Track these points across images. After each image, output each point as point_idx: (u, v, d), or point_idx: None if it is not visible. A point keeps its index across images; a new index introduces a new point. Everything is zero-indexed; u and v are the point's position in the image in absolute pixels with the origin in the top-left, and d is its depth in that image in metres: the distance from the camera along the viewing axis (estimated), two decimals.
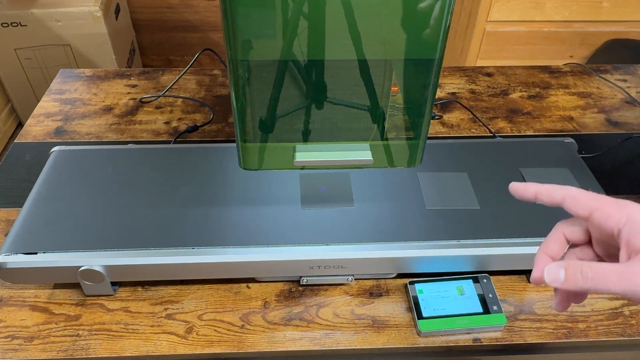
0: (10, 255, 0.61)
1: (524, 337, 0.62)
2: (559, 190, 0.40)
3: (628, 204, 0.38)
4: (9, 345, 0.60)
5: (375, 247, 0.63)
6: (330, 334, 0.62)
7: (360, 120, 0.57)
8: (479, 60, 1.84)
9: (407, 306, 0.65)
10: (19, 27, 1.75)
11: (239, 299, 0.65)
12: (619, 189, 0.81)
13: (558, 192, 0.40)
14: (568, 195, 0.40)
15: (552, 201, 0.41)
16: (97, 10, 1.75)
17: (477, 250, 0.63)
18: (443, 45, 0.51)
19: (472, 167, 0.74)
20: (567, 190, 0.40)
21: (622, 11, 1.73)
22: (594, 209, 0.39)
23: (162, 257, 0.61)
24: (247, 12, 0.47)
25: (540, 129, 0.94)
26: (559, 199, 0.40)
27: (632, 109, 1.00)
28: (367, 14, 0.48)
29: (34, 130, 0.91)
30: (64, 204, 0.67)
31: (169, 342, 0.61)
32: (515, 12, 1.72)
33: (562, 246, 0.42)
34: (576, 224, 0.42)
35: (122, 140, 0.89)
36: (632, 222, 0.37)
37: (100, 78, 1.06)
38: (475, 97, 1.02)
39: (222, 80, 1.06)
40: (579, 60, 1.84)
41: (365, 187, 0.71)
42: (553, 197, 0.41)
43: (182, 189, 0.70)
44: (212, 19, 2.24)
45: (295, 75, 0.53)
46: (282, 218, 0.66)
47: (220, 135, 0.92)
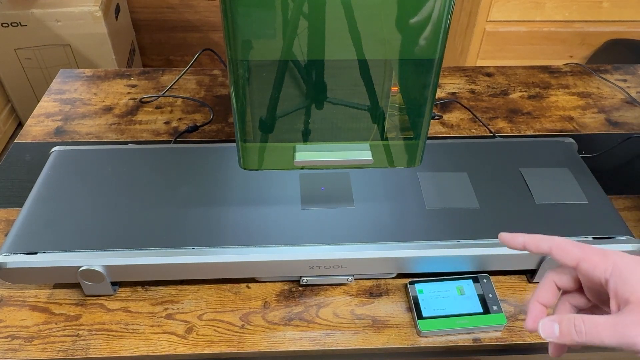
0: (10, 255, 0.61)
1: (524, 337, 0.62)
2: (546, 241, 0.41)
3: (612, 253, 0.39)
4: (9, 345, 0.60)
5: (375, 247, 0.63)
6: (330, 334, 0.62)
7: (360, 120, 0.57)
8: (479, 60, 1.84)
9: (407, 306, 0.65)
10: (19, 27, 1.75)
11: (239, 299, 0.65)
12: (619, 189, 0.81)
13: (545, 243, 0.41)
14: (554, 245, 0.41)
15: (539, 251, 0.42)
16: (97, 10, 1.75)
17: (477, 250, 0.63)
18: (443, 45, 0.51)
19: (472, 167, 0.74)
20: (553, 241, 0.41)
21: (622, 11, 1.73)
22: (580, 259, 0.39)
23: (162, 257, 0.61)
24: (247, 12, 0.47)
25: (540, 129, 0.94)
26: (546, 249, 0.41)
27: (632, 109, 1.00)
28: (367, 14, 0.48)
29: (34, 130, 0.91)
30: (64, 204, 0.67)
31: (169, 342, 0.61)
32: (515, 12, 1.72)
33: (553, 294, 0.43)
34: (566, 272, 0.42)
35: (122, 140, 0.89)
36: (618, 271, 0.37)
37: (100, 78, 1.06)
38: (475, 97, 1.02)
39: (222, 80, 1.06)
40: (579, 60, 1.84)
41: (365, 187, 0.71)
42: (540, 247, 0.41)
43: (182, 189, 0.70)
44: (212, 19, 2.24)
45: (295, 75, 0.53)
46: (282, 218, 0.66)
47: (220, 135, 0.92)
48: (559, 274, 0.43)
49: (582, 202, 0.69)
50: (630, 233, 0.66)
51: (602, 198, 0.70)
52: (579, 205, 0.69)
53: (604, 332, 0.36)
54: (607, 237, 0.65)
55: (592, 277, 0.39)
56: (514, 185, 0.72)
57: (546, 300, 0.42)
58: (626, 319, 0.35)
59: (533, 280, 0.67)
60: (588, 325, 0.36)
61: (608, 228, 0.66)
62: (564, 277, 0.42)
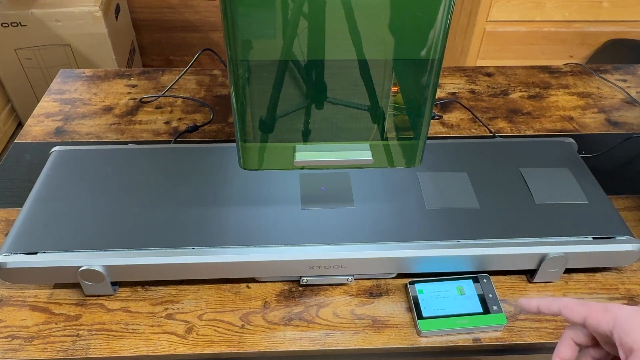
0: (10, 255, 0.61)
1: (524, 337, 0.62)
2: (556, 302, 0.45)
3: (613, 307, 0.42)
4: (9, 345, 0.60)
5: (375, 247, 0.63)
6: (330, 334, 0.62)
7: (360, 120, 0.57)
8: (479, 60, 1.84)
9: (407, 306, 0.65)
10: (19, 27, 1.75)
11: (239, 299, 0.65)
12: (619, 189, 0.81)
13: (555, 304, 0.45)
14: (562, 305, 0.45)
15: (551, 312, 0.46)
16: (97, 10, 1.75)
17: (477, 250, 0.63)
18: (443, 45, 0.51)
19: (472, 167, 0.74)
20: (561, 302, 0.45)
21: (622, 11, 1.73)
22: (586, 316, 0.43)
23: (162, 257, 0.61)
24: (247, 12, 0.47)
25: (540, 129, 0.94)
26: (556, 310, 0.45)
27: (632, 109, 1.00)
28: (367, 14, 0.48)
29: (34, 130, 0.91)
30: (64, 204, 0.67)
31: (169, 342, 0.61)
32: (515, 12, 1.72)
33: (573, 350, 0.46)
34: (581, 328, 0.45)
35: (122, 140, 0.89)
36: (619, 324, 0.41)
37: (100, 78, 1.06)
38: (475, 97, 1.02)
39: (222, 80, 1.06)
40: (579, 60, 1.84)
41: (365, 187, 0.71)
42: (551, 308, 0.46)
43: (182, 189, 0.70)
44: (212, 19, 2.24)
45: (295, 75, 0.53)
46: (282, 218, 0.66)
47: (220, 135, 0.92)
48: (576, 331, 0.46)
49: (582, 202, 0.69)
50: (630, 233, 0.66)
51: (602, 198, 0.70)
52: (578, 205, 0.69)
53: None
54: (607, 237, 0.65)
55: (598, 331, 0.43)
56: (514, 185, 0.72)
57: (567, 357, 0.45)
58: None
59: (533, 280, 0.67)
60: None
61: (608, 228, 0.66)
62: (580, 333, 0.45)
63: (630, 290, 0.67)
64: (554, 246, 0.64)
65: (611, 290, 0.67)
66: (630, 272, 0.69)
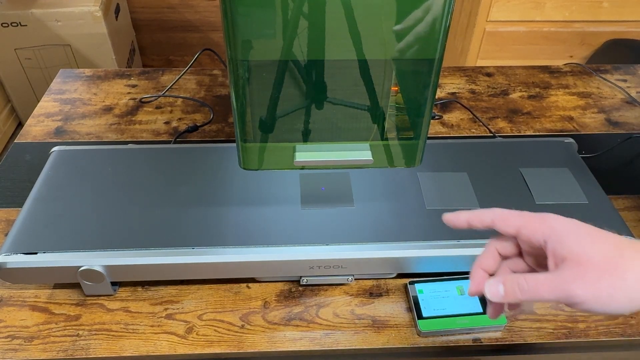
0: (10, 255, 0.61)
1: (524, 337, 0.62)
2: (488, 213, 0.44)
3: (549, 217, 0.42)
4: (9, 345, 0.60)
5: (375, 247, 0.63)
6: (330, 334, 0.62)
7: (360, 120, 0.57)
8: (479, 60, 1.84)
9: (407, 306, 0.65)
10: (19, 27, 1.75)
11: (239, 299, 0.65)
12: (619, 189, 0.81)
13: (487, 215, 0.44)
14: (496, 216, 0.44)
15: (483, 225, 0.44)
16: (97, 10, 1.75)
17: (477, 250, 0.63)
18: (443, 45, 0.51)
19: (472, 167, 0.74)
20: (494, 213, 0.44)
21: (622, 11, 1.73)
22: (521, 226, 0.42)
23: (162, 257, 0.61)
24: (247, 12, 0.47)
25: (540, 129, 0.94)
26: (488, 222, 0.44)
27: (632, 109, 1.00)
28: (367, 14, 0.48)
29: (34, 130, 0.91)
30: (64, 204, 0.67)
31: (169, 342, 0.61)
32: (515, 12, 1.72)
33: (495, 261, 0.45)
34: (507, 239, 0.45)
35: (122, 140, 0.89)
36: (555, 233, 0.40)
37: (100, 78, 1.06)
38: (475, 97, 1.02)
39: (222, 80, 1.06)
40: (579, 60, 1.84)
41: (365, 187, 0.71)
42: (483, 220, 0.44)
43: (182, 189, 0.70)
44: (212, 19, 2.24)
45: (295, 75, 0.53)
46: (282, 218, 0.66)
47: (220, 135, 0.92)
48: (501, 242, 0.45)
49: (582, 202, 0.69)
50: (631, 233, 0.66)
51: (602, 198, 0.70)
52: (579, 205, 0.69)
53: (543, 288, 0.39)
54: None
55: (532, 241, 0.42)
56: (514, 185, 0.72)
57: (489, 267, 0.45)
58: (563, 273, 0.39)
59: None
60: (530, 283, 0.39)
61: (608, 228, 0.66)
62: (506, 244, 0.45)
63: None
64: None
65: None
66: None
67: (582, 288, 0.38)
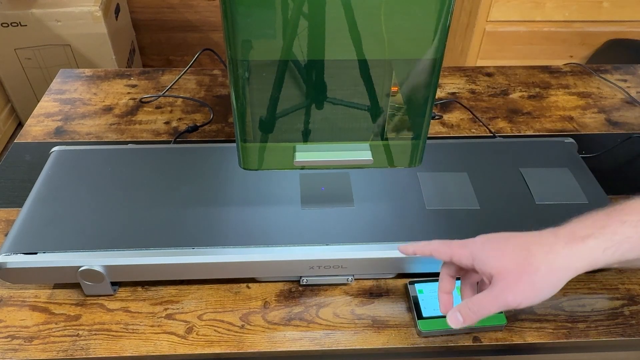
0: (10, 255, 0.61)
1: (524, 337, 0.62)
2: (427, 246, 0.53)
3: (470, 243, 0.50)
4: (9, 345, 0.60)
5: (375, 247, 0.63)
6: (330, 334, 0.62)
7: (360, 120, 0.57)
8: (479, 60, 1.84)
9: (407, 306, 0.65)
10: (19, 27, 1.75)
11: (239, 299, 0.65)
12: (619, 189, 0.81)
13: (427, 248, 0.53)
14: (432, 249, 0.53)
15: (424, 255, 0.53)
16: (97, 10, 1.75)
17: None
18: (443, 45, 0.51)
19: (472, 167, 0.74)
20: (431, 245, 0.53)
21: (622, 11, 1.73)
22: (451, 255, 0.51)
23: (162, 257, 0.61)
24: (247, 12, 0.47)
25: (540, 129, 0.94)
26: (428, 253, 0.53)
27: (632, 109, 1.00)
28: (367, 14, 0.48)
29: (34, 130, 0.91)
30: (64, 204, 0.67)
31: (169, 342, 0.61)
32: (515, 12, 1.72)
33: (451, 283, 0.54)
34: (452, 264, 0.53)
35: (122, 140, 0.89)
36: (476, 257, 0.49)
37: (100, 78, 1.06)
38: (475, 97, 1.02)
39: (222, 80, 1.06)
40: (579, 60, 1.84)
41: (365, 187, 0.71)
42: (424, 252, 0.53)
43: (182, 189, 0.70)
44: (212, 19, 2.24)
45: (295, 75, 0.53)
46: (282, 218, 0.66)
47: (220, 135, 0.92)
48: (448, 267, 0.54)
49: (582, 202, 0.69)
50: None
51: (602, 198, 0.70)
52: (579, 205, 0.69)
53: (487, 305, 0.46)
54: None
55: (463, 265, 0.51)
56: (514, 185, 0.72)
57: (447, 288, 0.54)
58: (495, 289, 0.46)
59: None
60: (477, 305, 0.47)
61: None
62: (452, 268, 0.53)
63: (630, 290, 0.67)
64: None
65: (611, 290, 0.67)
66: (630, 272, 0.69)
67: (511, 295, 0.45)
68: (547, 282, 0.46)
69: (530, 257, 0.46)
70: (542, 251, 0.46)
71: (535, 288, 0.45)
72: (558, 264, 0.45)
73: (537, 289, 0.45)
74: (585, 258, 0.45)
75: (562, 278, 0.46)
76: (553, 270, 0.45)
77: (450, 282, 0.54)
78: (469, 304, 0.48)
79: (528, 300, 0.45)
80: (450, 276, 0.54)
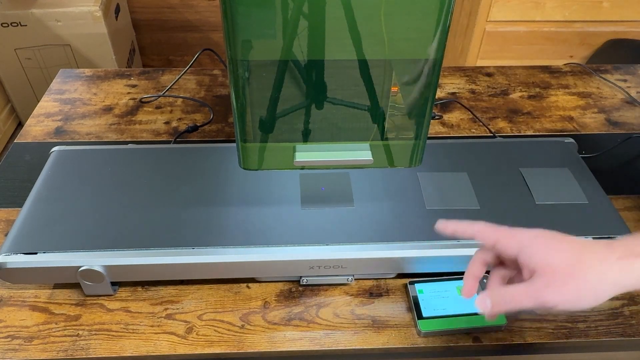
0: (10, 255, 0.61)
1: (524, 337, 0.62)
2: (471, 227, 0.50)
3: (518, 233, 0.48)
4: (9, 345, 0.60)
5: (375, 247, 0.63)
6: (330, 334, 0.62)
7: (360, 120, 0.57)
8: (479, 60, 1.84)
9: (407, 306, 0.65)
10: (19, 27, 1.75)
11: (239, 299, 0.65)
12: (619, 189, 0.81)
13: (470, 229, 0.50)
14: (477, 230, 0.50)
15: (466, 236, 0.50)
16: (97, 10, 1.75)
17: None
18: (443, 45, 0.51)
19: (472, 167, 0.74)
20: (476, 226, 0.50)
21: (622, 11, 1.73)
22: (496, 241, 0.48)
23: (162, 257, 0.61)
24: (247, 12, 0.47)
25: (540, 129, 0.94)
26: (470, 234, 0.50)
27: (632, 109, 1.00)
28: (367, 14, 0.48)
29: (34, 130, 0.91)
30: (64, 204, 0.67)
31: (169, 342, 0.61)
32: (515, 12, 1.72)
33: (482, 268, 0.51)
34: (491, 250, 0.50)
35: (122, 140, 0.89)
36: (524, 247, 0.46)
37: (100, 78, 1.06)
38: (475, 97, 1.02)
39: (222, 80, 1.06)
40: (579, 60, 1.84)
41: (365, 187, 0.71)
42: (466, 232, 0.50)
43: (182, 189, 0.70)
44: (212, 19, 2.24)
45: (295, 75, 0.53)
46: (282, 218, 0.66)
47: (220, 135, 0.92)
48: (486, 253, 0.50)
49: (582, 202, 0.69)
50: (631, 233, 0.66)
51: (602, 198, 0.70)
52: (579, 205, 0.69)
53: (521, 298, 0.44)
54: (607, 237, 0.65)
55: (506, 254, 0.48)
56: (514, 185, 0.72)
57: (477, 274, 0.50)
58: (535, 283, 0.44)
59: None
60: (510, 295, 0.45)
61: (608, 228, 0.66)
62: (490, 255, 0.50)
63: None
64: None
65: None
66: None
67: (552, 294, 0.43)
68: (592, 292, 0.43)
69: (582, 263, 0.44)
70: (595, 259, 0.44)
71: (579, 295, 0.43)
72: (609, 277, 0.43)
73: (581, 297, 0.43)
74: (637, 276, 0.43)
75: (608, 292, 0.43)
76: (602, 282, 0.43)
77: (481, 268, 0.50)
78: (502, 291, 0.46)
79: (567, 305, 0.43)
80: (484, 263, 0.50)
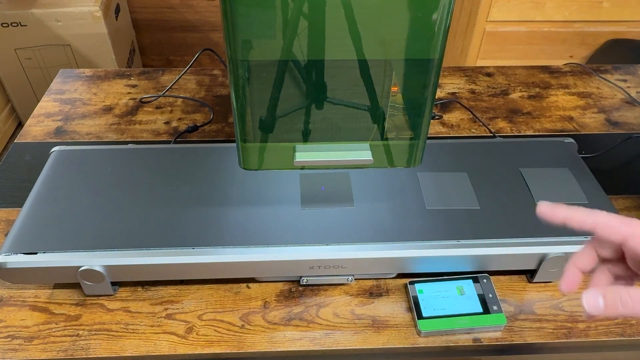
0: (10, 255, 0.61)
1: (524, 337, 0.62)
2: (590, 217, 0.40)
3: None
4: (9, 345, 0.60)
5: (375, 247, 0.63)
6: (330, 334, 0.62)
7: (360, 120, 0.57)
8: (479, 60, 1.84)
9: (407, 306, 0.65)
10: (19, 27, 1.75)
11: (239, 299, 0.65)
12: (619, 189, 0.81)
13: (589, 219, 0.40)
14: (599, 222, 0.39)
15: (582, 228, 0.40)
16: (97, 10, 1.75)
17: (477, 250, 0.63)
18: (443, 45, 0.51)
19: (472, 167, 0.74)
20: (598, 217, 0.39)
21: (622, 11, 1.73)
22: (628, 235, 0.38)
23: (162, 257, 0.61)
24: (247, 12, 0.47)
25: (540, 129, 0.94)
26: (589, 226, 0.40)
27: (632, 109, 1.00)
28: (367, 14, 0.48)
29: (34, 130, 0.91)
30: (64, 204, 0.67)
31: (169, 342, 0.61)
32: (515, 12, 1.72)
33: (592, 261, 0.42)
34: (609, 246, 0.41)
35: (122, 140, 0.89)
36: None
37: (100, 78, 1.06)
38: (475, 97, 1.02)
39: (222, 80, 1.06)
40: (579, 60, 1.84)
41: (365, 187, 0.71)
42: (583, 224, 0.40)
43: (182, 189, 0.70)
44: (212, 19, 2.24)
45: (295, 75, 0.53)
46: (282, 218, 0.66)
47: (220, 135, 0.92)
48: (603, 247, 0.41)
49: (582, 202, 0.69)
50: None
51: (602, 198, 0.70)
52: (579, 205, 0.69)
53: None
54: None
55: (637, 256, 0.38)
56: (514, 185, 0.72)
57: (584, 266, 0.41)
58: None
59: (533, 280, 0.67)
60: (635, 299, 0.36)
61: None
62: (607, 247, 0.41)
63: None
64: (554, 246, 0.63)
65: None
66: None
67: None
68: None
69: None
70: None
71: None
72: None
73: None
74: None
75: None
76: None
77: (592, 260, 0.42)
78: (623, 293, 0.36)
79: None
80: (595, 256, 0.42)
